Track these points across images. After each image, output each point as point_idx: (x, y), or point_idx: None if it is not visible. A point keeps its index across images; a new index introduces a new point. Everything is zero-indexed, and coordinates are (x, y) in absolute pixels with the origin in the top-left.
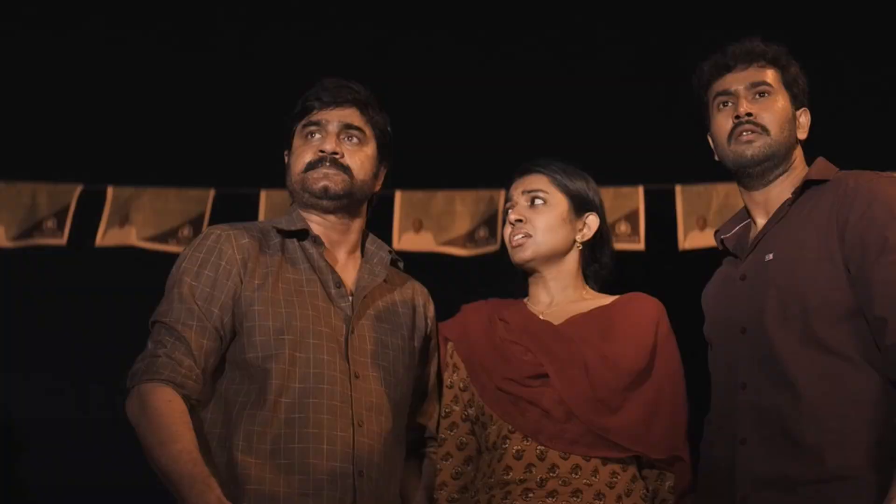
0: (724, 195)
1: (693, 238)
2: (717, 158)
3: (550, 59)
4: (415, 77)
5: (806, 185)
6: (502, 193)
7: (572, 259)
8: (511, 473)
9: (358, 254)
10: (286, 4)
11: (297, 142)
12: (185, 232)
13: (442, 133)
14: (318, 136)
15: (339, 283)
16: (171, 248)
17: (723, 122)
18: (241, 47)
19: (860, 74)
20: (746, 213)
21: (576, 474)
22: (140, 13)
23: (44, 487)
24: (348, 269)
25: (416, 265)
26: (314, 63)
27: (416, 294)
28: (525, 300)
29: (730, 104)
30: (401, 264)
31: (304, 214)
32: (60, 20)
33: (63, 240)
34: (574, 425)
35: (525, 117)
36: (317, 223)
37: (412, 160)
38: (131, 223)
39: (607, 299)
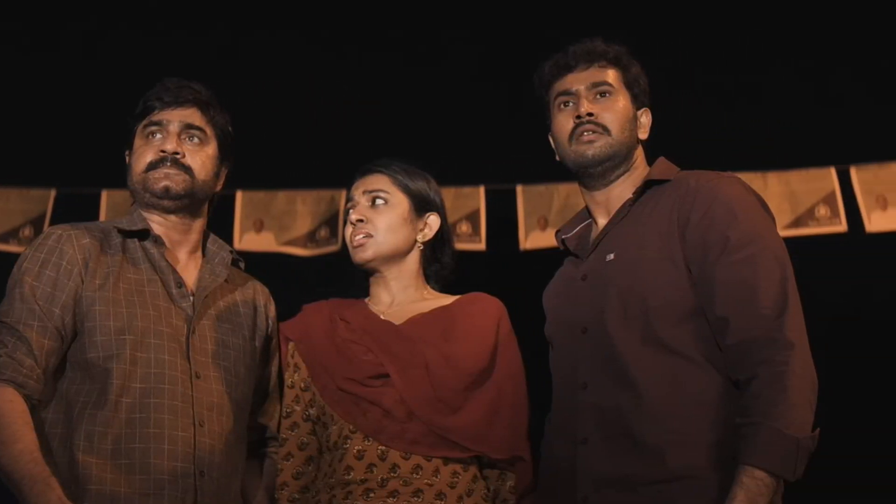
0: (565, 195)
1: (534, 238)
2: (558, 158)
3: (393, 58)
4: (256, 77)
5: (647, 185)
6: (343, 193)
7: (413, 259)
8: (352, 473)
9: (199, 254)
10: (129, 5)
11: (138, 142)
12: (27, 232)
13: (283, 133)
14: (159, 136)
15: (181, 283)
16: (12, 248)
17: (564, 122)
18: (84, 47)
19: (702, 74)
20: (588, 214)
21: (417, 474)
22: None
23: None
24: (189, 269)
25: (258, 265)
26: (157, 63)
27: (257, 294)
28: (366, 300)
29: (571, 104)
30: (242, 264)
31: (146, 214)
32: None
33: None
34: (415, 425)
35: (367, 117)
36: (158, 223)
37: (253, 160)
38: None
39: (448, 299)
